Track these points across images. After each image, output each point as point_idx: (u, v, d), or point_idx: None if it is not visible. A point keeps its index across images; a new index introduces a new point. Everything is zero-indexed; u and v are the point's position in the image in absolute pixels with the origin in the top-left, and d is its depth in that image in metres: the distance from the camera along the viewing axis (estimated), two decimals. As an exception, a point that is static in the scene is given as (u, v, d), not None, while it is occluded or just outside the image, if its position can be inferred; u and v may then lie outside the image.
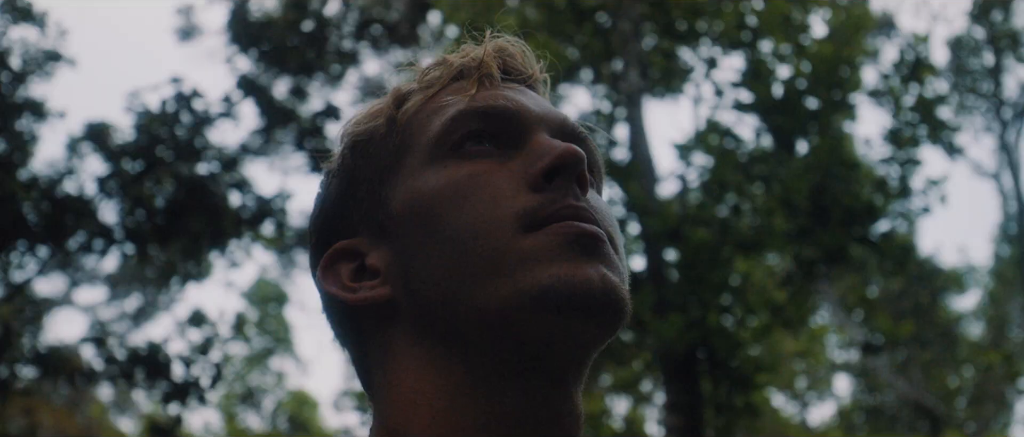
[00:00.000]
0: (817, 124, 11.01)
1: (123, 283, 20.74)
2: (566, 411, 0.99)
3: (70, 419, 20.11)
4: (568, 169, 1.00)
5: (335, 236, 1.11)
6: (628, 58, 11.29)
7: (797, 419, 24.80)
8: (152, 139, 10.83)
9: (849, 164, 10.78)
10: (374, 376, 1.06)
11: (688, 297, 10.17)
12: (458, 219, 0.99)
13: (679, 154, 10.99)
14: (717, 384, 10.46)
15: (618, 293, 0.97)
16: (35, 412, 17.34)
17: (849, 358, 24.23)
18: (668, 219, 10.28)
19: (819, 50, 11.02)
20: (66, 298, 20.88)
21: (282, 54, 12.52)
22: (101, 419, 24.87)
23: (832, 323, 18.70)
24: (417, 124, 1.10)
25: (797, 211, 10.62)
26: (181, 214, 10.91)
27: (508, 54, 1.18)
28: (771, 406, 18.80)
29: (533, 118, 1.08)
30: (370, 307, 1.05)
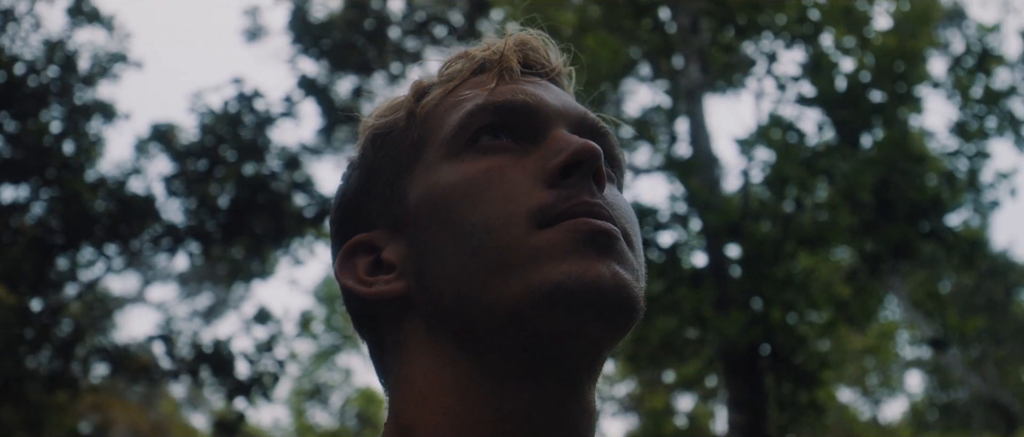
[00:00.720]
0: (882, 117, 10.86)
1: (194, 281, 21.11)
2: (578, 409, 0.98)
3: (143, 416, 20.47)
4: (584, 165, 0.99)
5: (354, 229, 1.12)
6: (687, 53, 11.22)
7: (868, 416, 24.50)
8: (216, 139, 10.98)
9: (915, 158, 10.61)
10: (389, 370, 1.06)
11: (750, 293, 10.09)
12: (472, 215, 0.99)
13: (740, 149, 10.89)
14: (780, 381, 10.35)
15: (630, 291, 0.96)
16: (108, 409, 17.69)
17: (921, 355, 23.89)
18: (729, 214, 10.19)
19: (884, 42, 10.87)
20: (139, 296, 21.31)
21: (343, 54, 12.61)
22: (173, 416, 25.31)
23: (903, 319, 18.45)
24: (436, 118, 1.09)
25: (861, 205, 10.47)
26: (244, 213, 11.05)
27: (530, 47, 1.17)
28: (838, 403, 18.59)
29: (552, 113, 1.07)
30: (385, 301, 1.05)
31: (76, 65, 11.98)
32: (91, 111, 11.86)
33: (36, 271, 10.52)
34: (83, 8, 12.32)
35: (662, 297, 10.70)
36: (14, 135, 11.25)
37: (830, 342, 13.10)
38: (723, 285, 10.32)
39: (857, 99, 10.66)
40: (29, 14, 11.38)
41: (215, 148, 10.95)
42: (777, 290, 10.03)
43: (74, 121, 11.61)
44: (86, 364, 11.04)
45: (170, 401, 25.20)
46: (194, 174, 11.03)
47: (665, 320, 10.46)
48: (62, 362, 10.55)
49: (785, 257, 10.27)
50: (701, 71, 11.25)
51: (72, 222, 10.50)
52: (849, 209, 10.54)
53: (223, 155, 11.03)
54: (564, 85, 1.19)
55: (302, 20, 12.47)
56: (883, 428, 24.10)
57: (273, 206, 11.19)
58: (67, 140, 11.52)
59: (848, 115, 10.66)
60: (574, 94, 1.21)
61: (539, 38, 1.20)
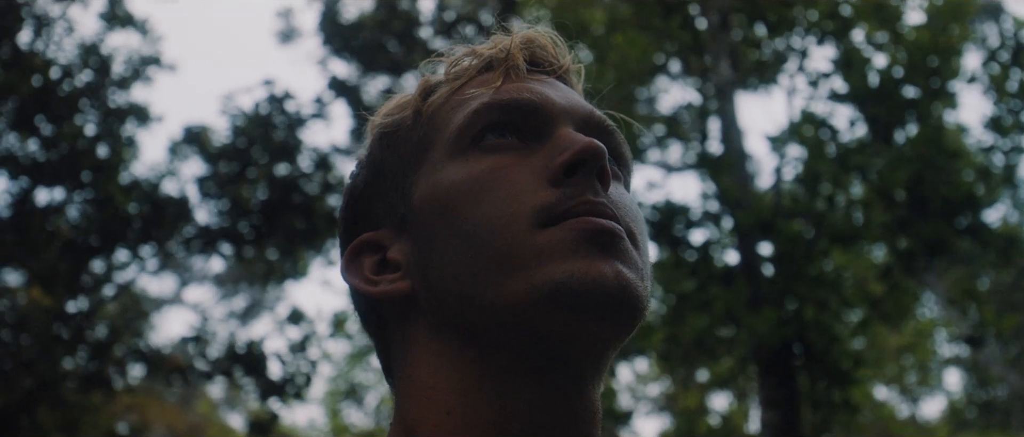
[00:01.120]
0: (916, 113, 10.76)
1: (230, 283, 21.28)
2: (582, 409, 0.98)
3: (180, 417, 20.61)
4: (588, 164, 0.99)
5: (361, 227, 1.12)
6: (718, 50, 11.17)
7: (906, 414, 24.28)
8: (247, 141, 11.05)
9: (950, 153, 10.50)
10: (395, 369, 1.07)
11: (783, 291, 10.02)
12: (475, 214, 0.99)
13: (772, 146, 10.83)
14: (813, 379, 10.28)
15: (633, 290, 0.95)
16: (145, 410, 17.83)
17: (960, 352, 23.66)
18: (761, 212, 10.13)
19: (917, 37, 10.77)
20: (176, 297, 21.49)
21: (373, 54, 12.65)
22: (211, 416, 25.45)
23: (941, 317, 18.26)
24: (442, 117, 1.10)
25: (895, 202, 10.38)
26: (276, 214, 11.11)
27: (538, 45, 1.17)
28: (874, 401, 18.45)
29: (557, 111, 1.07)
30: (390, 300, 1.05)
31: (110, 69, 12.07)
32: (125, 114, 11.96)
33: (71, 273, 10.62)
34: (117, 12, 12.42)
35: (694, 296, 10.66)
36: (49, 138, 11.36)
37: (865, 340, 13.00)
38: (755, 283, 10.26)
39: (890, 95, 10.57)
40: (62, 18, 11.48)
41: (247, 150, 11.02)
42: (810, 288, 9.96)
43: (108, 124, 11.71)
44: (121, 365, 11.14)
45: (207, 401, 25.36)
46: (226, 176, 11.10)
47: (697, 319, 10.40)
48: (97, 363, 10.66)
49: (818, 255, 10.20)
50: (732, 68, 11.20)
51: (106, 225, 10.60)
52: (883, 206, 10.46)
53: (255, 157, 11.09)
54: (573, 83, 1.19)
55: (332, 21, 12.51)
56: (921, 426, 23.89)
57: (305, 207, 11.24)
58: (101, 143, 11.62)
59: (881, 111, 10.57)
60: (583, 92, 1.21)
61: (547, 36, 1.20)
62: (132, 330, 11.56)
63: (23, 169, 11.11)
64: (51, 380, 10.20)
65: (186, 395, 21.38)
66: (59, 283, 10.53)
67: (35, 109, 11.02)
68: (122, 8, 12.64)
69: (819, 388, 10.28)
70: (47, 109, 10.99)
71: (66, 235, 10.86)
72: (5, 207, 11.08)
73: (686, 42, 11.57)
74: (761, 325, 9.41)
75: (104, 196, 10.64)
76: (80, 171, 10.85)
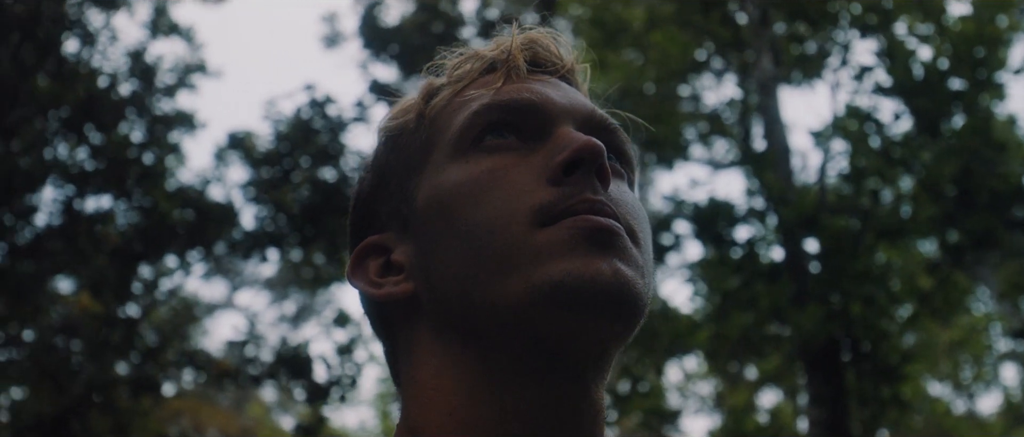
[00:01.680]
0: (962, 105, 10.61)
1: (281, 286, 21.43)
2: (584, 408, 0.98)
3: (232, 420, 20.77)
4: (587, 162, 0.99)
5: (367, 231, 1.13)
6: (759, 46, 11.09)
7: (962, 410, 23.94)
8: (290, 145, 11.12)
9: (997, 145, 10.34)
10: (401, 371, 1.07)
11: (828, 287, 9.93)
12: (475, 214, 0.99)
13: (816, 141, 10.73)
14: (861, 376, 10.17)
15: (631, 288, 0.94)
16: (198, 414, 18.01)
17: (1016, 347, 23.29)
18: (804, 208, 10.05)
19: (962, 28, 10.62)
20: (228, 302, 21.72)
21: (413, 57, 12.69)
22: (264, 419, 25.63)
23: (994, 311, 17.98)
24: (444, 119, 1.10)
25: (942, 195, 10.25)
26: (321, 218, 11.16)
27: (541, 46, 1.17)
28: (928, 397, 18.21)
29: (557, 110, 1.07)
30: (394, 302, 1.06)
31: (156, 77, 12.21)
32: (171, 122, 12.09)
33: (120, 279, 10.75)
34: (163, 21, 12.57)
35: (739, 293, 10.59)
36: (97, 147, 11.51)
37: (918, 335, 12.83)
38: (801, 280, 10.17)
39: (935, 87, 10.43)
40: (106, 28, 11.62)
41: (290, 154, 11.09)
42: (856, 284, 9.85)
43: (154, 132, 11.85)
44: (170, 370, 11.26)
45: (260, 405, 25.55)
46: (270, 181, 11.18)
47: (742, 316, 10.34)
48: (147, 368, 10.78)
49: (864, 250, 10.10)
50: (774, 64, 11.11)
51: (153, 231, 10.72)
52: (930, 199, 10.33)
53: (298, 161, 11.16)
54: (577, 83, 1.19)
55: (372, 25, 12.56)
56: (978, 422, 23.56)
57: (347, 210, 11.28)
58: (148, 151, 11.76)
59: (926, 104, 10.44)
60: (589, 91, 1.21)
61: (550, 36, 1.20)
62: (181, 335, 11.68)
63: (72, 177, 11.27)
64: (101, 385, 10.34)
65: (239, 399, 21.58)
66: (107, 289, 10.66)
67: (83, 118, 11.16)
68: (167, 17, 12.79)
69: (867, 384, 10.18)
70: (94, 118, 11.12)
71: (114, 242, 11.00)
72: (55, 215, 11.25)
73: (726, 39, 11.50)
74: (806, 322, 9.34)
75: (150, 203, 10.77)
76: (127, 178, 10.98)
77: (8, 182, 10.46)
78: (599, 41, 12.03)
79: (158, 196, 10.68)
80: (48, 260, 10.54)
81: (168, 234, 10.69)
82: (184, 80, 12.48)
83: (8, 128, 10.05)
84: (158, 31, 12.43)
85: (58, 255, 10.55)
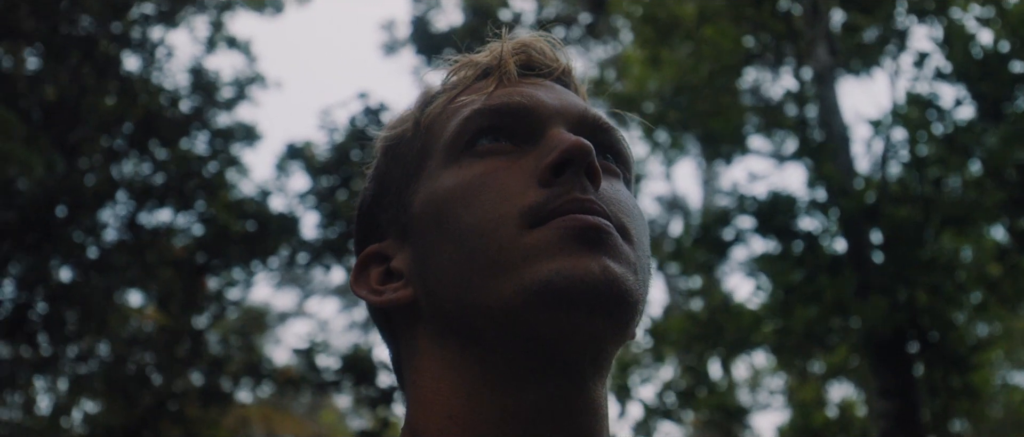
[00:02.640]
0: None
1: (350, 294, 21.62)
2: (582, 407, 0.98)
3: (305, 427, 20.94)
4: (576, 162, 0.99)
5: (370, 240, 1.14)
6: (814, 36, 10.97)
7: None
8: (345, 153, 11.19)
9: (1063, 127, 10.11)
10: (404, 376, 1.08)
11: (893, 278, 9.78)
12: (467, 218, 1.00)
13: (875, 130, 10.57)
14: (930, 366, 10.00)
15: (621, 285, 0.95)
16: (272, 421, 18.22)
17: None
18: (865, 198, 9.91)
19: (1022, 11, 10.40)
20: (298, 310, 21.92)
21: (466, 62, 12.66)
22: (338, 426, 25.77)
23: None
24: (438, 126, 1.11)
25: (1007, 181, 10.04)
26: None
27: (535, 49, 1.18)
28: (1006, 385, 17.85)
29: (549, 112, 1.08)
30: (395, 309, 1.07)
31: (217, 91, 12.37)
32: (233, 134, 12.24)
33: (186, 291, 10.92)
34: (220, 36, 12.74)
35: (803, 286, 10.47)
36: (161, 162, 11.70)
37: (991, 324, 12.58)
38: (865, 271, 10.03)
39: (996, 71, 10.23)
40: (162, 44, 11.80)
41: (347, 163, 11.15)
42: (921, 274, 9.70)
43: (215, 145, 12.01)
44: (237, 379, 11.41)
45: (333, 411, 25.71)
46: (327, 190, 11.27)
47: (805, 310, 10.21)
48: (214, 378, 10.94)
49: (928, 239, 9.93)
50: (829, 53, 10.97)
51: (216, 243, 10.87)
52: (995, 185, 10.13)
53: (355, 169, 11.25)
54: (574, 84, 1.19)
55: (424, 31, 12.59)
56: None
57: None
58: (211, 164, 11.91)
59: (988, 88, 10.24)
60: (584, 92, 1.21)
61: (545, 39, 1.20)
62: (247, 345, 11.83)
63: (137, 192, 11.46)
64: (171, 396, 10.51)
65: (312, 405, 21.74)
66: (174, 302, 10.83)
67: (146, 134, 11.35)
68: (225, 31, 12.96)
69: (936, 375, 10.01)
70: (156, 133, 11.31)
71: (178, 255, 11.17)
72: (123, 230, 11.44)
73: (780, 31, 11.39)
74: (870, 313, 9.20)
75: (213, 216, 10.92)
76: (189, 192, 11.15)
77: (76, 200, 10.67)
78: (652, 38, 11.99)
79: (218, 208, 10.84)
80: (116, 274, 10.73)
81: (229, 245, 10.83)
82: (243, 93, 12.62)
83: (71, 147, 10.26)
84: (216, 45, 12.60)
85: (125, 269, 10.75)
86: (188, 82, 12.29)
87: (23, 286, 10.72)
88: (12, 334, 10.27)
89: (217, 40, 12.76)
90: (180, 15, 12.34)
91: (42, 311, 10.74)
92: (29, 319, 10.36)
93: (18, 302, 10.59)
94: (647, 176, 17.38)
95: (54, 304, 10.65)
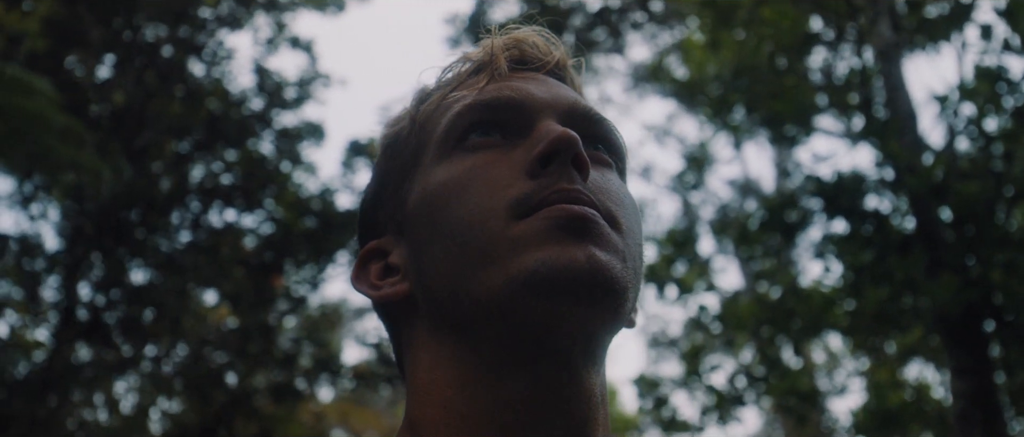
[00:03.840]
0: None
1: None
2: (575, 394, 0.99)
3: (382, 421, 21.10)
4: (562, 153, 1.00)
5: (371, 237, 1.17)
6: (876, 12, 10.77)
7: None
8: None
9: None
10: (404, 369, 1.11)
11: (964, 256, 9.58)
12: (457, 211, 1.02)
13: (942, 106, 10.36)
14: (1006, 344, 9.78)
15: (606, 273, 0.96)
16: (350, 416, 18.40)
17: None
18: (931, 175, 9.72)
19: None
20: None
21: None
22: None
23: None
24: (432, 122, 1.13)
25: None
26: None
27: (528, 44, 1.19)
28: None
29: (539, 105, 1.09)
30: (394, 303, 1.09)
31: (283, 92, 12.50)
32: (300, 134, 12.36)
33: (256, 290, 11.07)
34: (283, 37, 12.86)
35: (873, 267, 10.30)
36: (231, 163, 11.86)
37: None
38: (935, 250, 9.84)
39: (1066, 39, 9.96)
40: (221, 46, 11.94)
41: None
42: (994, 250, 9.48)
43: (283, 145, 12.14)
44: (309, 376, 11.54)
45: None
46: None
47: (876, 291, 10.04)
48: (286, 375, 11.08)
49: (999, 215, 9.71)
50: (892, 30, 10.77)
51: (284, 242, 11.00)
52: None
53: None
54: (569, 77, 1.20)
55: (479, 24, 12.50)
56: None
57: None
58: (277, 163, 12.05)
59: (1058, 57, 9.98)
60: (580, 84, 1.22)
61: (538, 33, 1.22)
62: (317, 341, 11.96)
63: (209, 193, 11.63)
64: (244, 394, 10.67)
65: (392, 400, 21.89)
66: (244, 301, 10.99)
67: (213, 136, 11.51)
68: (287, 31, 13.08)
69: (1014, 353, 9.79)
70: (223, 136, 11.46)
71: (247, 254, 11.33)
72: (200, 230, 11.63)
73: (840, 8, 11.21)
74: (941, 292, 9.03)
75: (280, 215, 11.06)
76: (257, 191, 11.29)
77: (149, 203, 10.87)
78: (712, 22, 11.88)
79: (285, 207, 10.96)
80: (188, 275, 10.92)
81: (297, 244, 10.95)
82: (308, 92, 12.73)
83: (138, 151, 10.45)
84: (278, 46, 12.72)
85: (197, 269, 10.92)
86: (253, 83, 12.43)
87: (100, 289, 10.95)
88: (89, 336, 10.50)
89: (280, 41, 12.88)
90: (245, 17, 12.49)
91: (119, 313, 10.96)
92: (105, 322, 10.57)
93: (95, 305, 10.82)
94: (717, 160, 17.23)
95: (130, 306, 10.86)
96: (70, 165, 7.48)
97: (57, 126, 6.75)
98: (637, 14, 14.25)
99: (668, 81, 15.89)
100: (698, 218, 18.30)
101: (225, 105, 11.68)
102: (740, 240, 11.70)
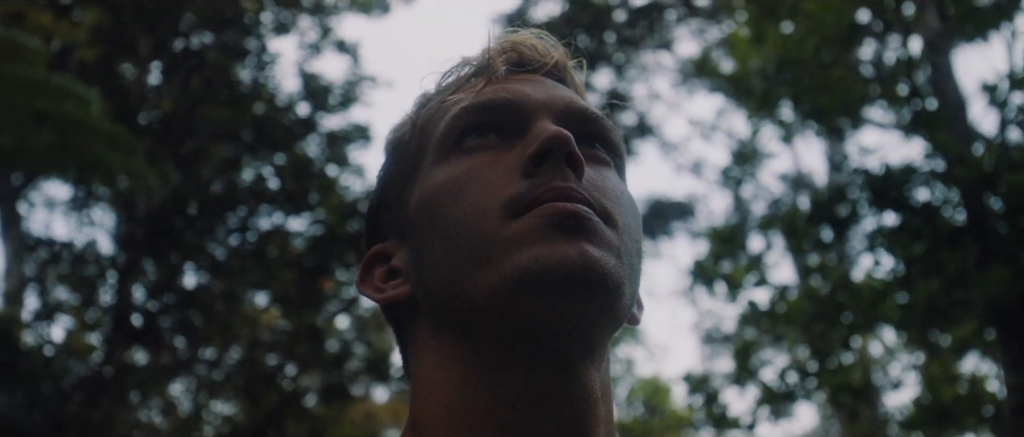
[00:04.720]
0: None
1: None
2: (574, 392, 0.99)
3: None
4: (555, 152, 1.01)
5: (376, 240, 1.18)
6: (923, 3, 10.63)
7: None
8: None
9: None
10: (408, 369, 1.12)
11: (1016, 247, 9.43)
12: (454, 213, 1.03)
13: (990, 96, 10.20)
14: (1060, 337, 9.62)
15: (598, 269, 0.96)
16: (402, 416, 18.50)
17: None
18: (981, 166, 9.58)
19: None
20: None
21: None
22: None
23: None
24: (432, 126, 1.14)
25: None
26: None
27: (525, 46, 1.20)
28: None
29: (534, 106, 1.10)
30: (397, 305, 1.11)
31: (329, 96, 12.57)
32: (346, 136, 12.42)
33: (304, 293, 11.15)
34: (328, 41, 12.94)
35: (924, 259, 10.18)
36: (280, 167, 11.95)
37: None
38: (986, 241, 9.70)
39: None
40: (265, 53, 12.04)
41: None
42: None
43: (329, 148, 12.21)
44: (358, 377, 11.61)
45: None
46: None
47: (927, 283, 9.92)
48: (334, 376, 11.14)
49: (1051, 205, 9.55)
50: (939, 20, 10.62)
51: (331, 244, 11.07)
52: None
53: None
54: (568, 78, 1.21)
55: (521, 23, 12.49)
56: None
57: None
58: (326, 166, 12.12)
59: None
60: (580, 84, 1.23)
61: (535, 35, 1.22)
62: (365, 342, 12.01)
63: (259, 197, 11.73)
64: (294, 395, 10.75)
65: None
66: (292, 303, 11.07)
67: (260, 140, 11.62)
68: (333, 36, 13.16)
69: (1067, 346, 9.62)
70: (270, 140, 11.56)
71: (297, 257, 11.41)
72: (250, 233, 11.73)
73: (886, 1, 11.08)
74: (991, 284, 8.90)
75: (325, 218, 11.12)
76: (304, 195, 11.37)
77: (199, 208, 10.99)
78: (756, 15, 11.79)
79: (327, 210, 11.03)
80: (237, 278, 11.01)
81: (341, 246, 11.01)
82: (354, 95, 12.79)
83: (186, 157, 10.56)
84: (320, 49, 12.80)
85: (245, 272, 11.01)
86: (300, 87, 12.51)
87: (152, 293, 11.09)
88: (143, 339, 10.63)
89: (325, 44, 12.95)
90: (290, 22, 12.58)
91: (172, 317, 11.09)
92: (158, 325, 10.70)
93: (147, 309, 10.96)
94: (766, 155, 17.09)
95: (182, 310, 10.98)
96: (120, 172, 7.57)
97: (106, 134, 6.85)
98: (679, 9, 14.18)
99: (715, 76, 15.79)
100: (749, 213, 18.17)
101: (272, 109, 11.77)
102: (789, 234, 11.60)
